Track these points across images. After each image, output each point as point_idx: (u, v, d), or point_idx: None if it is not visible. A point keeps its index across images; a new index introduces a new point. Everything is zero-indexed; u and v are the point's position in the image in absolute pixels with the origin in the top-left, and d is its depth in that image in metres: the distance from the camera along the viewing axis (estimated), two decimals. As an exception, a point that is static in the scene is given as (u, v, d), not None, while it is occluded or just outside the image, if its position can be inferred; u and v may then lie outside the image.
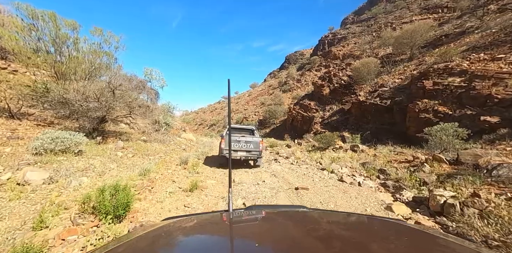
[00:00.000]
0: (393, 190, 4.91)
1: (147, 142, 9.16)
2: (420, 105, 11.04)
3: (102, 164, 5.28)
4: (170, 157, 7.85)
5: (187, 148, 10.72)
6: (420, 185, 4.60)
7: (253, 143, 7.06)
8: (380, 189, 5.06)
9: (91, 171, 4.76)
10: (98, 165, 5.12)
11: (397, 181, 5.27)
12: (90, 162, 5.11)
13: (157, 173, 5.62)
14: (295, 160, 9.52)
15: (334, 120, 18.05)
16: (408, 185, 4.76)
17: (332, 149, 11.34)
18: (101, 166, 5.18)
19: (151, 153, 7.61)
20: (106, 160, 5.62)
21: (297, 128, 22.68)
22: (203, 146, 12.42)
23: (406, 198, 4.25)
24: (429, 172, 5.03)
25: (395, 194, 4.57)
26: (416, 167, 5.62)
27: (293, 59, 53.73)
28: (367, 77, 17.57)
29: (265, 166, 8.64)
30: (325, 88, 21.63)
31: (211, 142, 17.07)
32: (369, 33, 32.51)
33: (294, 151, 12.71)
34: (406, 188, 4.64)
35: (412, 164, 6.10)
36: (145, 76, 11.98)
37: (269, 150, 14.73)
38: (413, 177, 4.94)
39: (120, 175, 4.96)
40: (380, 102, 13.98)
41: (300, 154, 11.52)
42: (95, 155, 5.71)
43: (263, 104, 34.88)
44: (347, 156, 9.09)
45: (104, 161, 5.47)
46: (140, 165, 5.95)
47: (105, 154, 5.95)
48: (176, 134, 13.24)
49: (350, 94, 19.18)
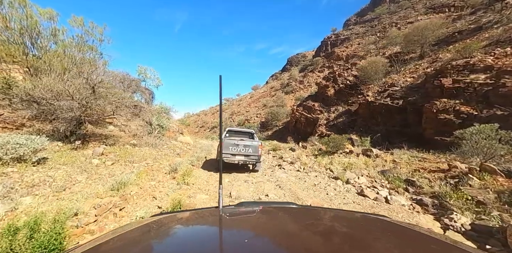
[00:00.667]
0: (435, 210, 3.75)
1: (137, 146, 8.08)
2: (438, 105, 9.85)
3: (67, 176, 4.19)
4: (159, 164, 6.75)
5: (182, 152, 9.62)
6: (475, 206, 3.44)
7: (252, 147, 6.67)
8: (416, 209, 3.89)
9: (47, 186, 3.67)
10: (60, 178, 4.03)
11: (435, 198, 4.10)
12: (50, 174, 4.02)
13: (137, 186, 4.51)
14: (302, 166, 8.36)
15: (340, 122, 16.87)
16: (456, 205, 3.59)
17: (342, 153, 10.16)
18: (64, 178, 4.08)
19: (137, 159, 6.51)
20: (74, 170, 4.53)
21: (300, 130, 21.52)
22: (201, 150, 11.31)
23: (460, 226, 3.09)
24: (481, 187, 3.86)
25: (441, 218, 3.40)
26: (457, 179, 4.45)
27: (295, 61, 52.77)
28: (374, 76, 16.42)
29: (268, 173, 7.51)
30: (330, 89, 20.50)
31: (210, 145, 15.96)
32: (373, 34, 31.45)
33: (299, 155, 11.55)
34: (455, 210, 3.48)
35: (448, 174, 4.92)
36: (139, 75, 11.00)
37: (272, 154, 13.57)
38: (460, 193, 3.77)
39: (86, 190, 3.86)
40: (391, 103, 12.81)
41: (306, 159, 10.36)
42: (62, 164, 4.63)
43: (265, 106, 33.80)
44: (360, 162, 7.91)
45: (70, 172, 4.38)
46: (119, 175, 4.86)
47: (75, 163, 4.87)
48: (172, 137, 12.16)
49: (356, 95, 18.03)
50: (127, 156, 6.29)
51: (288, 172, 7.70)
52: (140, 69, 10.91)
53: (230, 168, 7.31)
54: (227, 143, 6.46)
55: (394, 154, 8.29)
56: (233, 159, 6.49)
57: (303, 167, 8.22)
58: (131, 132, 9.68)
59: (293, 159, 10.35)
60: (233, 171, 7.27)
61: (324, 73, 32.23)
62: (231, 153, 6.50)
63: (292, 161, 9.72)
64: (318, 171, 7.61)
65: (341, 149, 10.46)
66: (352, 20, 44.68)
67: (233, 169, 7.37)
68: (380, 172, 6.12)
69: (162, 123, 10.00)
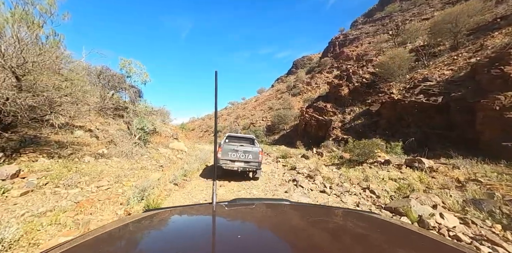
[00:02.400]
0: None
1: (103, 157, 5.83)
2: (503, 101, 7.27)
3: None
4: (120, 185, 4.43)
5: (169, 164, 7.30)
6: None
7: (252, 153, 6.18)
8: None
9: None
10: None
11: None
12: None
13: (28, 245, 2.18)
14: (327, 184, 5.90)
15: (359, 124, 14.31)
16: None
17: (373, 163, 7.63)
18: None
19: (86, 180, 4.22)
20: None
21: (311, 134, 19.01)
22: (196, 159, 8.98)
23: None
24: None
25: None
26: None
27: (301, 64, 50.53)
28: (397, 72, 13.88)
29: (281, 194, 5.13)
30: (344, 88, 18.01)
31: (210, 151, 13.66)
32: (385, 32, 28.92)
33: (316, 164, 9.07)
34: None
35: None
36: (121, 69, 8.89)
37: (281, 162, 11.12)
38: None
39: None
40: (426, 100, 10.23)
41: (328, 170, 7.86)
42: None
43: (271, 109, 31.45)
44: (411, 179, 5.40)
45: None
46: (13, 219, 2.56)
47: None
48: (163, 144, 9.91)
49: (375, 93, 15.50)
50: (67, 176, 4.01)
51: (310, 193, 5.26)
52: (122, 63, 8.81)
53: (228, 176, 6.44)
54: (226, 149, 5.98)
55: (459, 166, 5.71)
56: (232, 166, 5.95)
57: (329, 185, 5.75)
58: (107, 138, 7.46)
59: (310, 171, 7.87)
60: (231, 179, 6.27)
61: (332, 73, 29.78)
62: (230, 159, 5.97)
63: (310, 174, 7.26)
64: (354, 192, 5.12)
65: (371, 157, 7.92)
66: (359, 21, 42.32)
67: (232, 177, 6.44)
68: (471, 203, 3.58)
69: (146, 127, 7.77)
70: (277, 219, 1.03)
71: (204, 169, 8.16)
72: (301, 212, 1.16)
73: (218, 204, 1.17)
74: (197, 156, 10.01)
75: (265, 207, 1.25)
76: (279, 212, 1.13)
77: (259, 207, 1.22)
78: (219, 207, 1.13)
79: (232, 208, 1.16)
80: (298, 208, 1.26)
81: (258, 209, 1.19)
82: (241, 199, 1.30)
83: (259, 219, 1.05)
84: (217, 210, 1.10)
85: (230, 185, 6.00)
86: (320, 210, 1.25)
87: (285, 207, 1.22)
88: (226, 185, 5.88)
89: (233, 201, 1.27)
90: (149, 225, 0.92)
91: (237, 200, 1.28)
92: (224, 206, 1.17)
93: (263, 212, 1.16)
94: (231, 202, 1.25)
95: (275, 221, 0.99)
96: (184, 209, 1.21)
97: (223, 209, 1.14)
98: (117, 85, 8.72)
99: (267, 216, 1.10)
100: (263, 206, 1.25)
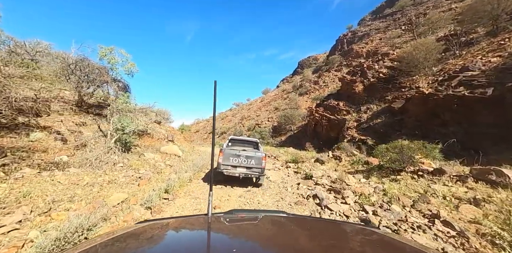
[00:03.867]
0: None
1: (59, 168, 4.15)
2: None
3: None
4: (46, 221, 2.69)
5: (151, 174, 5.55)
6: None
7: (255, 159, 5.54)
8: None
9: None
10: None
11: None
12: None
13: None
14: (365, 204, 4.02)
15: (379, 123, 12.31)
16: None
17: (416, 172, 5.70)
18: None
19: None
20: None
21: (321, 134, 17.07)
22: (190, 166, 7.23)
23: None
24: None
25: None
26: None
27: (306, 64, 48.57)
28: (422, 64, 11.85)
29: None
30: (358, 84, 16.03)
31: (211, 155, 11.92)
32: (397, 27, 26.81)
33: (338, 173, 7.19)
34: None
35: None
36: (100, 59, 7.27)
37: (292, 168, 9.27)
38: None
39: None
40: (470, 93, 8.21)
41: (355, 181, 5.96)
42: None
43: (277, 109, 29.62)
44: (499, 202, 3.47)
45: None
46: None
47: None
48: (153, 147, 8.23)
49: (396, 89, 13.48)
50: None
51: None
52: (102, 52, 7.18)
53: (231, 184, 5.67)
54: (227, 154, 5.50)
55: None
56: (233, 172, 5.46)
57: (371, 209, 3.86)
58: (78, 142, 5.80)
59: (333, 182, 6.01)
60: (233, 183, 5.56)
61: (341, 71, 27.75)
62: (232, 164, 5.49)
63: (334, 188, 5.39)
64: (417, 225, 3.22)
65: (412, 164, 5.99)
66: (367, 19, 40.15)
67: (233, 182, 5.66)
68: None
69: (128, 127, 6.08)
70: (275, 232, 1.00)
71: (200, 178, 6.41)
72: (299, 225, 1.10)
73: (213, 215, 1.10)
74: (193, 161, 8.27)
75: (262, 219, 1.16)
76: (276, 225, 1.09)
77: (256, 219, 1.16)
78: (215, 219, 1.07)
79: (228, 220, 1.10)
80: (296, 221, 1.18)
81: (255, 221, 1.13)
82: (237, 210, 1.23)
83: (256, 232, 0.99)
84: (213, 222, 1.03)
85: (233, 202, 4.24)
86: (318, 223, 1.18)
87: (283, 219, 1.15)
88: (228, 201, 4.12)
89: (229, 212, 1.21)
90: (141, 238, 0.86)
91: (234, 212, 1.21)
92: (219, 218, 1.11)
93: (260, 225, 1.09)
94: (227, 213, 1.19)
95: (272, 234, 0.96)
96: (178, 220, 1.15)
97: (219, 221, 1.07)
98: (97, 78, 7.11)
99: (264, 229, 1.05)
100: (260, 218, 1.18)
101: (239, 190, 5.52)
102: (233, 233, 0.97)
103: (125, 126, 6.06)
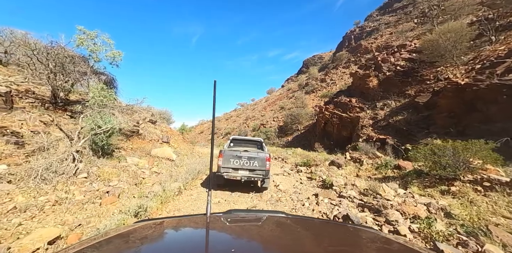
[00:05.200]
0: None
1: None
2: None
3: None
4: None
5: (126, 187, 4.19)
6: None
7: (258, 160, 5.01)
8: None
9: None
10: None
11: None
12: None
13: None
14: (441, 243, 2.53)
15: (400, 121, 10.69)
16: None
17: (478, 182, 4.15)
18: None
19: None
20: None
21: (332, 134, 15.48)
22: (184, 172, 5.87)
23: None
24: None
25: None
26: None
27: (311, 63, 46.85)
28: (451, 52, 10.18)
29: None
30: (371, 79, 14.41)
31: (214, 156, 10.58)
32: (409, 20, 25.02)
33: (364, 180, 5.70)
34: None
35: None
36: (78, 46, 6.02)
37: (304, 173, 7.82)
38: None
39: None
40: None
41: (394, 194, 4.44)
42: None
43: (283, 109, 28.13)
44: None
45: None
46: None
47: None
48: (143, 150, 6.94)
49: (417, 82, 11.83)
50: None
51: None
52: (80, 37, 5.92)
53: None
54: (227, 155, 4.95)
55: None
56: (235, 175, 4.87)
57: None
58: (35, 145, 4.51)
59: (363, 195, 4.54)
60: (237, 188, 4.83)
61: (350, 68, 26.05)
62: (233, 167, 4.93)
63: (368, 204, 3.92)
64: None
65: (471, 171, 4.43)
66: (374, 15, 38.24)
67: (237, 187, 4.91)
68: None
69: (103, 126, 4.77)
70: (273, 232, 0.97)
71: (195, 188, 5.05)
72: (297, 226, 1.08)
73: (212, 215, 1.06)
74: (189, 166, 6.91)
75: (261, 219, 1.14)
76: (275, 225, 1.06)
77: (255, 220, 1.14)
78: (213, 219, 1.04)
79: (227, 220, 1.07)
80: (294, 221, 1.17)
81: (254, 222, 1.11)
82: (236, 210, 1.20)
83: (255, 232, 0.96)
84: (211, 221, 1.01)
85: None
86: (316, 224, 1.16)
87: (282, 220, 1.12)
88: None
89: (228, 212, 1.17)
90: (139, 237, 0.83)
91: (232, 212, 1.17)
92: (218, 218, 1.08)
93: (259, 225, 1.07)
94: (226, 213, 1.16)
95: (271, 235, 0.94)
96: (176, 220, 1.12)
97: (217, 221, 1.05)
98: (74, 70, 5.86)
99: (263, 229, 1.02)
100: (259, 218, 1.16)
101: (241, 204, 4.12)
102: (231, 233, 0.95)
103: (101, 125, 4.75)
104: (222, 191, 5.04)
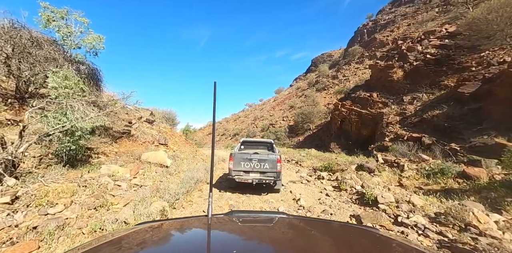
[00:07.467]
0: None
1: None
2: None
3: None
4: None
5: (73, 215, 2.75)
6: None
7: (269, 162, 4.83)
8: None
9: None
10: None
11: None
12: None
13: None
14: None
15: (438, 116, 8.75)
16: None
17: None
18: None
19: None
20: None
21: (350, 133, 13.58)
22: (178, 183, 4.39)
23: None
24: None
25: None
26: None
27: (320, 61, 44.63)
28: (504, 31, 8.14)
29: None
30: (395, 70, 12.41)
31: (223, 159, 9.13)
32: (429, 10, 22.64)
33: (423, 197, 3.97)
34: None
35: None
36: (46, 26, 4.73)
37: (328, 180, 6.18)
38: None
39: None
40: None
41: (488, 225, 2.67)
42: None
43: (292, 108, 26.36)
44: None
45: None
46: None
47: None
48: (132, 154, 5.55)
49: (455, 71, 9.82)
50: None
51: None
52: (46, 15, 4.62)
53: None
54: (238, 158, 4.79)
55: None
56: (246, 178, 4.73)
57: None
58: None
59: (438, 223, 2.79)
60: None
61: (364, 63, 23.90)
62: (244, 170, 4.78)
63: (462, 245, 2.18)
64: None
65: None
66: (386, 9, 35.61)
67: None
68: None
69: (65, 124, 3.38)
70: (275, 233, 0.96)
71: (189, 205, 3.55)
72: (299, 226, 1.06)
73: (214, 216, 1.04)
74: (186, 173, 5.42)
75: (263, 220, 1.13)
76: (277, 226, 1.03)
77: (256, 221, 1.12)
78: (215, 220, 1.02)
79: (228, 221, 1.06)
80: (296, 222, 1.14)
81: (255, 223, 1.09)
82: (237, 212, 1.17)
83: (256, 233, 0.94)
84: (213, 223, 0.99)
85: None
86: (318, 224, 1.12)
87: (283, 220, 1.09)
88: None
89: (230, 213, 1.13)
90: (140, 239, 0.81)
91: (234, 213, 1.15)
92: (220, 219, 1.07)
93: (260, 226, 1.05)
94: (227, 214, 1.12)
95: (272, 236, 0.92)
96: (178, 221, 1.10)
97: (219, 222, 1.03)
98: (37, 55, 4.56)
99: (265, 230, 0.99)
100: (260, 220, 1.14)
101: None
102: (233, 234, 0.94)
103: (53, 124, 3.36)
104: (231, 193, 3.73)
